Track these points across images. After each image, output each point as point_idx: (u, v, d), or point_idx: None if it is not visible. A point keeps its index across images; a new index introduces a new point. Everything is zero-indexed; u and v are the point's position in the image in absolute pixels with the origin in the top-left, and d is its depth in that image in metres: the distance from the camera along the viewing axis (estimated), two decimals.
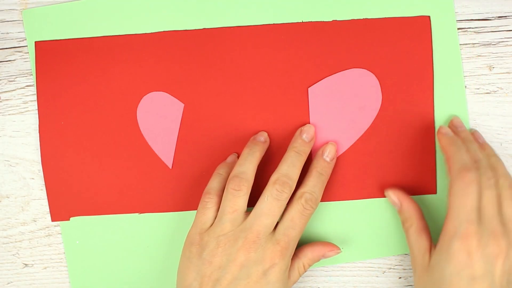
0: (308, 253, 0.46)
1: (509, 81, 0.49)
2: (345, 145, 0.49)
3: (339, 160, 0.49)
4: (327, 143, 0.48)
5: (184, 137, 0.49)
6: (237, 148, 0.49)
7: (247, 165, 0.45)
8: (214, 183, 0.46)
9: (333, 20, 0.48)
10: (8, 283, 0.51)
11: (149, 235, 0.49)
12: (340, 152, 0.49)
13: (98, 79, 0.49)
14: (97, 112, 0.49)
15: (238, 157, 0.48)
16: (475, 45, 0.49)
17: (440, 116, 0.48)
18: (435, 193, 0.49)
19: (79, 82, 0.49)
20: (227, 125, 0.49)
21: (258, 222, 0.43)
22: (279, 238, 0.43)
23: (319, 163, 0.47)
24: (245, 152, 0.46)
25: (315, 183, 0.45)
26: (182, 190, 0.49)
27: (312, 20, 0.48)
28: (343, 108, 0.48)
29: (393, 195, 0.47)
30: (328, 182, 0.48)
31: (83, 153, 0.49)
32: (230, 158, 0.48)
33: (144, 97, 0.49)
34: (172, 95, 0.49)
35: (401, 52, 0.48)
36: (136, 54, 0.49)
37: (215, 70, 0.49)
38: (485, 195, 0.42)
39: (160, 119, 0.49)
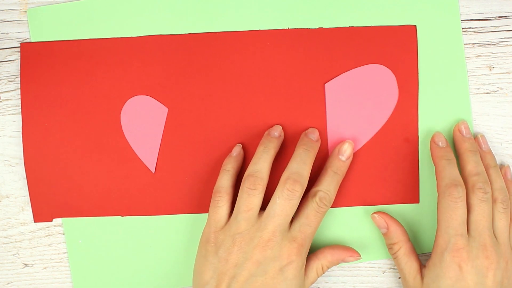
0: (328, 256, 0.46)
1: (509, 81, 0.49)
2: (362, 141, 0.49)
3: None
4: (344, 141, 0.47)
5: (168, 142, 0.49)
6: (221, 153, 0.49)
7: (262, 164, 0.45)
8: (222, 181, 0.46)
9: (319, 28, 0.48)
10: (8, 283, 0.50)
11: (145, 237, 0.49)
12: (357, 148, 0.48)
13: (82, 82, 0.49)
14: (81, 115, 0.49)
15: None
16: (475, 45, 0.49)
17: (444, 118, 0.48)
18: (418, 202, 0.49)
19: (64, 84, 0.49)
20: (210, 131, 0.49)
21: (272, 223, 0.43)
22: (295, 235, 0.43)
23: (334, 162, 0.46)
24: (259, 150, 0.46)
25: (329, 182, 0.45)
26: (165, 194, 0.49)
27: (298, 27, 0.48)
28: (359, 104, 0.48)
29: (380, 218, 0.47)
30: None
31: (66, 155, 0.49)
32: (235, 151, 0.47)
33: (128, 100, 0.49)
34: (156, 99, 0.49)
35: (386, 61, 0.48)
36: (121, 57, 0.49)
37: (199, 75, 0.48)
38: (479, 209, 0.44)
39: (143, 123, 0.49)
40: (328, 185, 0.45)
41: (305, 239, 0.43)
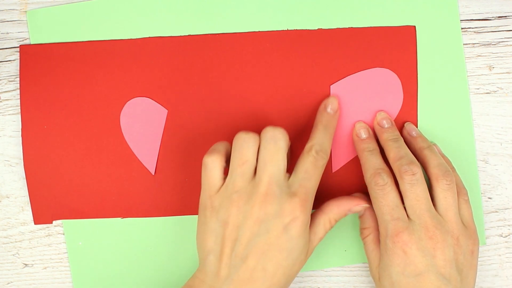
0: (335, 208, 0.45)
1: (509, 81, 0.49)
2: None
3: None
4: (328, 96, 0.47)
5: (167, 144, 0.49)
6: None
7: (254, 131, 0.43)
8: (216, 145, 0.43)
9: (318, 29, 0.48)
10: (8, 283, 0.51)
11: (145, 238, 0.50)
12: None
13: (81, 84, 0.49)
14: (80, 117, 0.49)
15: None
16: (475, 45, 0.49)
17: (444, 118, 0.48)
18: None
19: (63, 86, 0.49)
20: (210, 132, 0.49)
21: (265, 173, 0.41)
22: (295, 190, 0.41)
23: (323, 117, 0.46)
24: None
25: (322, 136, 0.44)
26: (165, 196, 0.49)
27: (297, 28, 0.48)
28: (364, 107, 0.48)
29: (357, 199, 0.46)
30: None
31: (66, 157, 0.49)
32: None
33: (128, 102, 0.49)
34: (156, 100, 0.49)
35: (385, 62, 0.48)
36: (120, 59, 0.49)
37: (199, 77, 0.48)
38: (411, 194, 0.43)
39: (143, 125, 0.49)
40: (321, 139, 0.44)
41: (307, 194, 0.41)
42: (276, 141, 0.42)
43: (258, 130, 0.48)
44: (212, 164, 0.42)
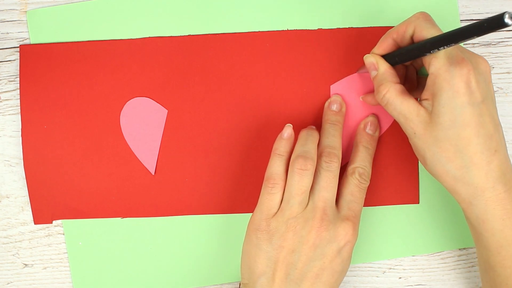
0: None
1: (509, 81, 0.49)
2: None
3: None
4: (367, 115, 0.47)
5: (167, 144, 0.49)
6: (221, 155, 0.49)
7: (310, 144, 0.44)
8: (276, 166, 0.44)
9: (318, 29, 0.48)
10: (8, 283, 0.51)
11: (145, 238, 0.50)
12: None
13: (81, 84, 0.49)
14: (80, 117, 0.49)
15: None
16: (475, 45, 0.49)
17: None
18: (418, 203, 0.49)
19: (63, 86, 0.49)
20: (210, 132, 0.49)
21: (320, 198, 0.42)
22: (346, 214, 0.43)
23: (363, 137, 0.46)
24: (303, 133, 0.45)
25: (363, 157, 0.45)
26: (165, 196, 0.49)
27: (297, 28, 0.48)
28: (364, 106, 0.48)
29: (372, 57, 0.44)
30: None
31: (66, 157, 0.49)
32: (286, 133, 0.45)
33: (128, 102, 0.49)
34: (156, 101, 0.49)
35: None
36: (120, 59, 0.49)
37: (199, 77, 0.49)
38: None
39: (143, 125, 0.49)
40: (363, 160, 0.45)
41: (356, 217, 0.43)
42: (331, 170, 0.43)
43: (258, 129, 0.48)
44: (276, 189, 0.43)
